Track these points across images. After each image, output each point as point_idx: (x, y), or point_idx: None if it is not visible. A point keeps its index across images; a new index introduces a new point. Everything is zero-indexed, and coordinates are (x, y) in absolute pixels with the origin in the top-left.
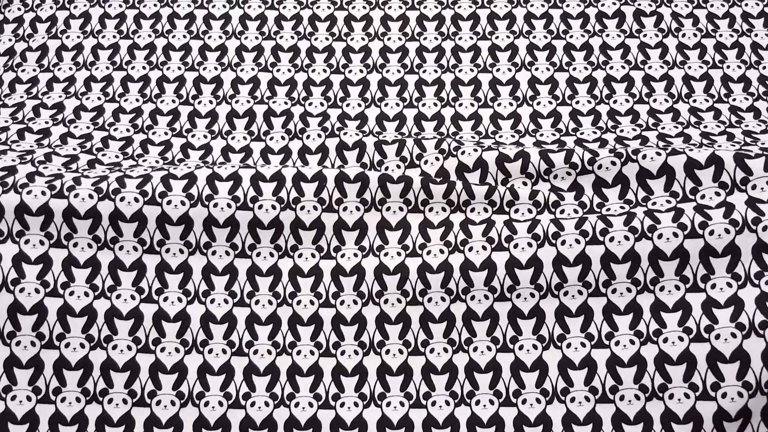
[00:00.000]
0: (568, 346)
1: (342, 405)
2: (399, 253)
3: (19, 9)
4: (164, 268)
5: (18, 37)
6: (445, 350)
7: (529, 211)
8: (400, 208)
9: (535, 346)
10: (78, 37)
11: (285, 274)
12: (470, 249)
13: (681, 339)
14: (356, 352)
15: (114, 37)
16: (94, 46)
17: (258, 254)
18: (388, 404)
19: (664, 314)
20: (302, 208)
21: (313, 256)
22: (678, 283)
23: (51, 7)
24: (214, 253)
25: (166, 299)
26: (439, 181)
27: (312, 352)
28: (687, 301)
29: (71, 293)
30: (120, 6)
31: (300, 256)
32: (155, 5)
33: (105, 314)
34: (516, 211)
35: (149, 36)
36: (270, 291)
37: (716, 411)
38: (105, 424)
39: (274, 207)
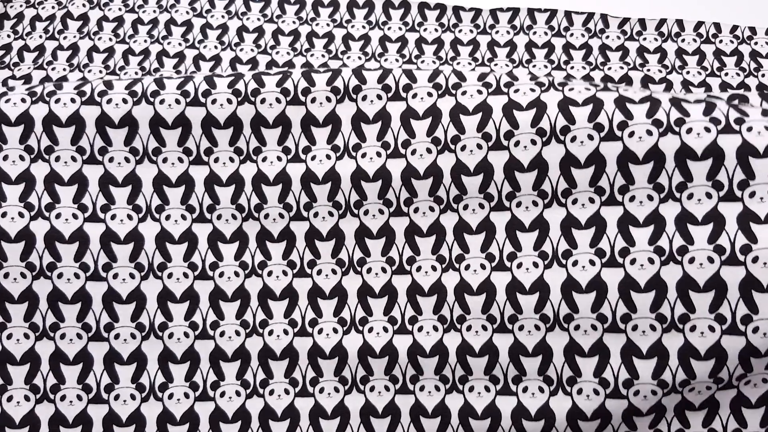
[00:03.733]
0: (575, 264)
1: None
2: (379, 154)
3: (8, 36)
4: (109, 181)
5: (2, 64)
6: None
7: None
8: (378, 96)
9: (536, 264)
10: (64, 69)
11: (248, 182)
12: (462, 148)
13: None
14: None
15: (100, 72)
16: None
17: (216, 160)
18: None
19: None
20: (263, 101)
21: (279, 159)
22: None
23: (40, 36)
24: (165, 161)
25: (113, 217)
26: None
27: (285, 272)
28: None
29: (3, 215)
30: (110, 40)
31: (264, 159)
32: (146, 40)
33: (45, 238)
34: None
35: (135, 73)
36: (233, 204)
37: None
38: (60, 362)
39: (230, 101)
